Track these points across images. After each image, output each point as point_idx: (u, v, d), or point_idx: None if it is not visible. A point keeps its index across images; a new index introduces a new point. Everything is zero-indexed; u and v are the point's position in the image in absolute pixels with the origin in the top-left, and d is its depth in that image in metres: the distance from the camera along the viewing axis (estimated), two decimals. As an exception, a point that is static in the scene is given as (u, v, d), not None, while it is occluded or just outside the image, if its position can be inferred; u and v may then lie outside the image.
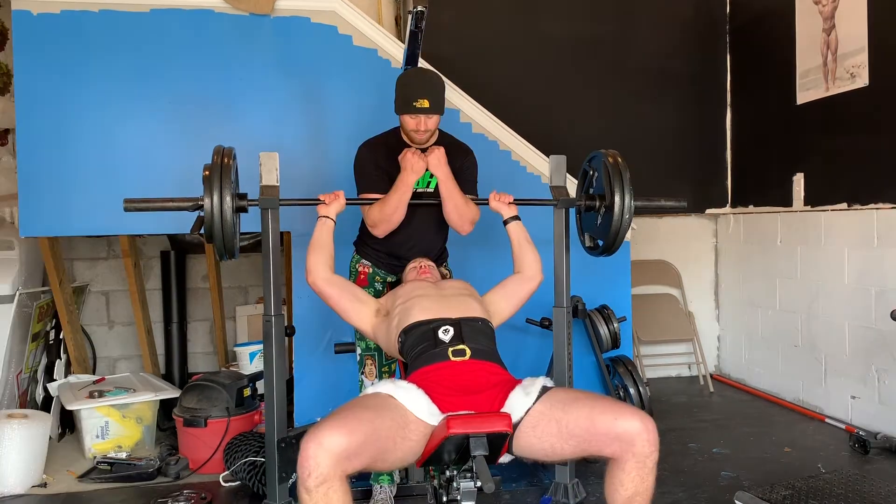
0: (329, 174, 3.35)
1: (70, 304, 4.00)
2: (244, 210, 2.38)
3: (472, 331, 2.13)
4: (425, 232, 2.74)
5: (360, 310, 2.34)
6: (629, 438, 1.79)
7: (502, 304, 2.40)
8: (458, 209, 2.60)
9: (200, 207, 2.24)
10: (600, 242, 2.62)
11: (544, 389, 1.98)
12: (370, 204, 2.61)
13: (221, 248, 2.29)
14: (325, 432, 1.67)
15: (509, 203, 2.55)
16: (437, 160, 2.55)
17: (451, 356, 2.04)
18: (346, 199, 2.47)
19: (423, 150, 2.64)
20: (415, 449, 1.86)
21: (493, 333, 2.23)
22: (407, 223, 2.64)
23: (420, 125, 2.57)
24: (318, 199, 2.46)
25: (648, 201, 2.60)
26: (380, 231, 2.60)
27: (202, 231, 2.27)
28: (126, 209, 2.29)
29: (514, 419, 1.90)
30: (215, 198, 2.21)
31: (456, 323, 2.13)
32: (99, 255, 4.64)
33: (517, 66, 4.57)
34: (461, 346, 2.06)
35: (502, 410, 1.92)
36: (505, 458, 1.96)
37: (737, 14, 4.83)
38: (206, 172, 2.24)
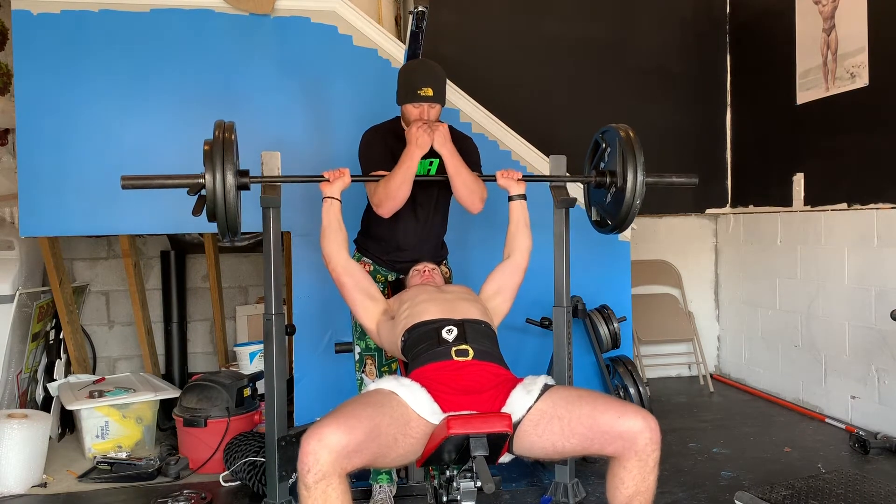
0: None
1: (70, 304, 4.00)
2: (246, 187, 2.32)
3: (476, 332, 2.13)
4: (425, 221, 2.74)
5: (368, 306, 2.35)
6: (632, 437, 1.79)
7: (497, 300, 2.40)
8: (467, 185, 2.55)
9: (202, 187, 2.17)
10: (609, 221, 2.61)
11: (546, 387, 1.98)
12: (376, 181, 2.56)
13: (224, 226, 2.22)
14: (326, 429, 1.67)
15: (518, 179, 2.53)
16: (443, 137, 2.52)
17: (453, 356, 2.04)
18: (352, 177, 2.44)
19: None
20: (416, 447, 1.86)
21: (496, 336, 2.23)
22: (406, 214, 2.64)
23: (423, 114, 2.57)
24: (322, 177, 2.42)
25: (660, 177, 2.56)
26: (385, 210, 2.55)
27: (205, 210, 2.20)
28: (124, 187, 2.19)
29: (516, 418, 1.90)
30: (217, 175, 2.13)
31: (460, 324, 2.13)
32: (99, 255, 4.64)
33: (517, 66, 4.57)
34: (464, 346, 2.06)
35: (504, 409, 1.92)
36: (505, 458, 1.95)
37: (737, 14, 4.83)
38: (207, 147, 2.17)
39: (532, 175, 2.58)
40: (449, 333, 2.09)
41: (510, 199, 2.52)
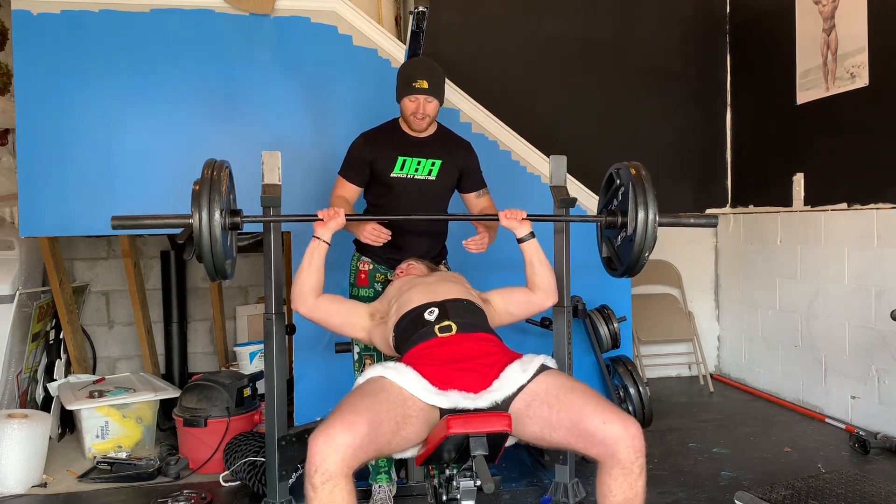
0: (330, 173, 3.33)
1: (70, 304, 3.99)
2: (237, 227, 2.22)
3: (458, 308, 2.15)
4: (426, 219, 2.75)
5: (352, 322, 2.34)
6: (613, 444, 1.76)
7: (500, 315, 2.37)
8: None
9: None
10: (617, 264, 2.46)
11: (542, 368, 1.98)
12: (359, 219, 2.58)
13: (212, 268, 2.12)
14: (334, 428, 1.69)
15: (522, 219, 2.36)
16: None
17: (437, 333, 2.06)
18: (346, 217, 2.35)
19: (422, 140, 2.67)
20: (417, 428, 1.86)
21: (483, 313, 2.23)
22: (408, 211, 2.65)
23: (419, 108, 2.58)
24: (316, 216, 2.34)
25: (676, 219, 2.40)
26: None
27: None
28: (114, 227, 2.14)
29: (507, 393, 1.91)
30: (204, 215, 2.03)
31: (441, 304, 2.15)
32: (99, 255, 4.64)
33: (517, 66, 4.58)
34: (447, 323, 2.08)
35: (496, 382, 1.93)
36: (508, 442, 1.94)
37: (737, 14, 4.83)
38: (196, 187, 2.09)
39: (538, 215, 2.41)
40: (431, 314, 2.12)
41: (518, 241, 2.36)
